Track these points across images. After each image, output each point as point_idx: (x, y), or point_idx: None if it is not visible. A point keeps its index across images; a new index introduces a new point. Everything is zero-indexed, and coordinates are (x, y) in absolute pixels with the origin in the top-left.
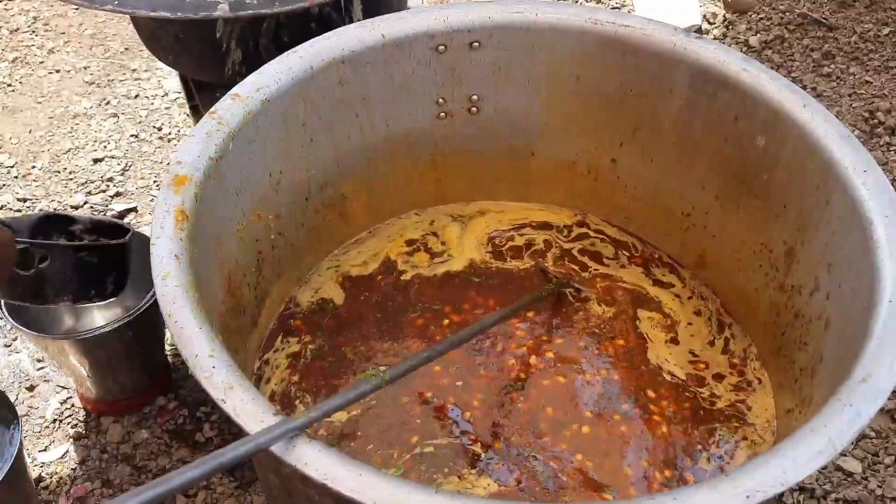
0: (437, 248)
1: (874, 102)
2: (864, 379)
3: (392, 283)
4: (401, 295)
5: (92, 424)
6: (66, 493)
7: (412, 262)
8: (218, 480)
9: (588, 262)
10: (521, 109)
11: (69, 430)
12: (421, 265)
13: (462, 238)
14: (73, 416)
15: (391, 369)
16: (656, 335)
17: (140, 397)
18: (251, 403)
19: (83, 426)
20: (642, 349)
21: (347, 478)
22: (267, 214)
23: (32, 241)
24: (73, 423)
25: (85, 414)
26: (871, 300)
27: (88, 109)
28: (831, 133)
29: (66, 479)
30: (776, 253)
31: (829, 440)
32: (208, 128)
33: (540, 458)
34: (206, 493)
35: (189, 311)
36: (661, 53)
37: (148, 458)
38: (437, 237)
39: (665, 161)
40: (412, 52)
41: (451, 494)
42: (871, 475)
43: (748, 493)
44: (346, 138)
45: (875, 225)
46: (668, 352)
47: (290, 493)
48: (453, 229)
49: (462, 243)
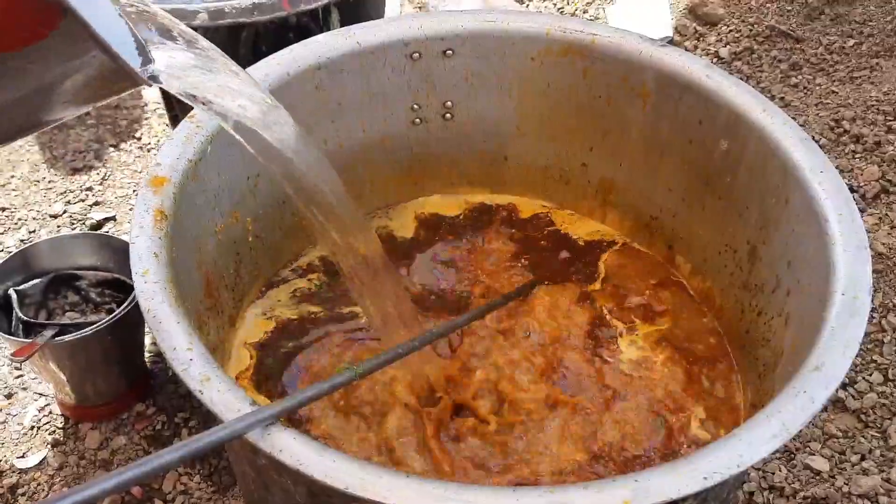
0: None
1: (839, 112)
2: (818, 367)
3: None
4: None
5: (70, 431)
6: (44, 498)
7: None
8: (196, 485)
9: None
10: (494, 115)
11: (47, 436)
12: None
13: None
14: (50, 423)
15: (363, 364)
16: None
17: (118, 403)
18: (227, 394)
19: (61, 433)
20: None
21: (320, 463)
22: (245, 217)
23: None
24: (50, 430)
25: (63, 421)
26: (826, 293)
27: (67, 119)
28: (790, 135)
29: (45, 484)
30: (740, 253)
31: (783, 425)
32: (187, 131)
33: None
34: (184, 498)
35: (167, 306)
36: (629, 60)
37: (125, 463)
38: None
39: (633, 164)
40: (387, 60)
41: (420, 478)
42: (839, 473)
43: (706, 475)
44: (323, 143)
45: (830, 222)
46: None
47: (266, 485)
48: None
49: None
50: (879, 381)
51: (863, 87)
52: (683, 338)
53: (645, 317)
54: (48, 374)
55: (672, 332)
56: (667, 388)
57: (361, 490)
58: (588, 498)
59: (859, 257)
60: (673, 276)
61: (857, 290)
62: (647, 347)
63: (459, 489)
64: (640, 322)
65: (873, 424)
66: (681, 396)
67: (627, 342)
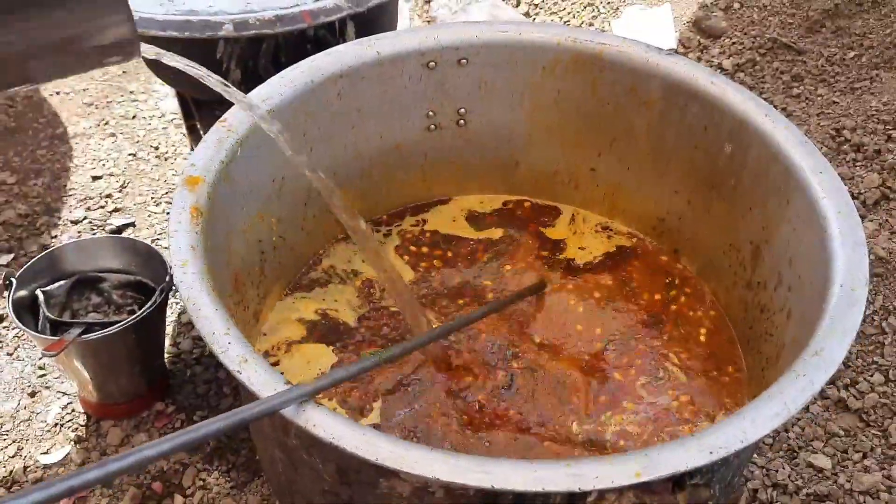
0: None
1: (840, 121)
2: (817, 352)
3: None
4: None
5: (92, 428)
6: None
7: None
8: (214, 481)
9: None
10: (506, 122)
11: (70, 433)
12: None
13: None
14: (73, 421)
15: (388, 350)
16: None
17: (139, 402)
18: (264, 374)
19: (83, 430)
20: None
21: (353, 437)
22: (270, 217)
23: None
24: (73, 427)
25: (85, 418)
26: (826, 285)
27: (87, 129)
28: (791, 139)
29: None
30: (743, 252)
31: (784, 405)
32: (219, 135)
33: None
34: (203, 493)
35: (205, 294)
36: (637, 69)
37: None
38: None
39: (641, 169)
40: (405, 69)
41: (446, 452)
42: (841, 471)
43: (711, 450)
44: (343, 148)
45: (830, 220)
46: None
47: (294, 466)
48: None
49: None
50: (880, 382)
51: (863, 97)
52: (690, 336)
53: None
54: (73, 372)
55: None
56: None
57: (392, 462)
58: (602, 470)
59: (857, 252)
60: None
61: (855, 283)
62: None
63: (482, 462)
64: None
65: (874, 424)
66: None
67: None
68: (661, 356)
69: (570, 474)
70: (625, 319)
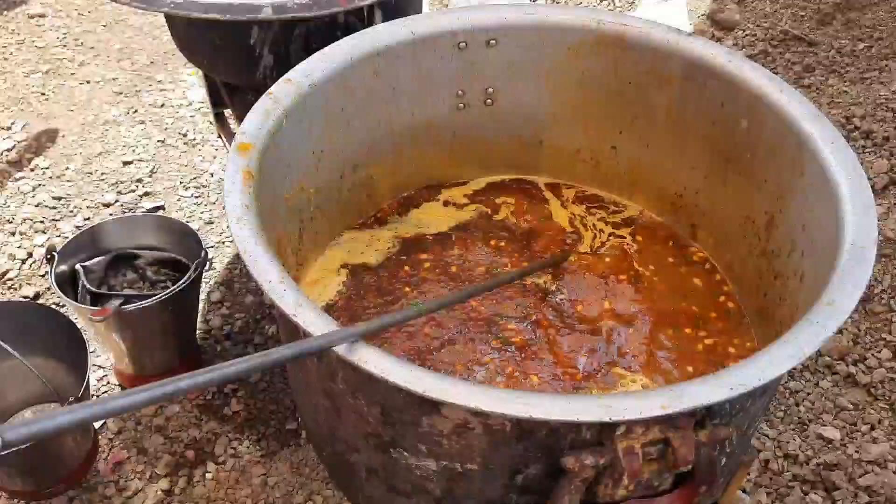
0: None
1: (851, 110)
2: (829, 303)
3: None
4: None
5: None
6: (104, 458)
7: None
8: (245, 449)
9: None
10: (532, 101)
11: None
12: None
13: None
14: (108, 392)
15: (430, 303)
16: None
17: (172, 375)
18: (317, 317)
19: None
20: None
21: (402, 372)
22: (309, 188)
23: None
24: None
25: (120, 390)
26: (836, 246)
27: (117, 117)
28: (804, 113)
29: (105, 447)
30: (758, 223)
31: (799, 347)
32: (266, 105)
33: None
34: (234, 461)
35: (261, 248)
36: (658, 49)
37: (179, 429)
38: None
39: (660, 146)
40: (437, 48)
41: (488, 386)
42: (850, 441)
43: (731, 386)
44: (377, 124)
45: (841, 185)
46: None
47: (338, 411)
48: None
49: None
50: (888, 358)
51: (872, 87)
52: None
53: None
54: (111, 343)
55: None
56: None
57: (437, 393)
58: (630, 402)
59: (867, 214)
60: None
61: (865, 242)
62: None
63: (521, 394)
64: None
65: (882, 398)
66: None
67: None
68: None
69: (601, 405)
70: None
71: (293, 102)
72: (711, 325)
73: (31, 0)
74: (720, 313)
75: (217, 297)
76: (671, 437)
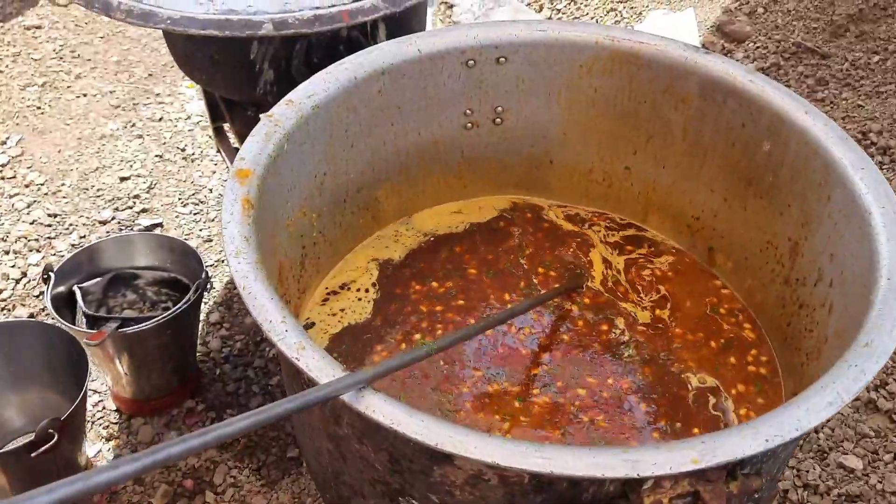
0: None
1: (866, 125)
2: (867, 344)
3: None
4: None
5: (123, 426)
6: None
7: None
8: (245, 479)
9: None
10: (542, 120)
11: (101, 430)
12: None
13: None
14: (104, 419)
15: (438, 342)
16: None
17: (170, 398)
18: (321, 361)
19: (115, 427)
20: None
21: (412, 423)
22: (311, 213)
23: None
24: (105, 425)
25: (117, 416)
26: (871, 279)
27: (115, 131)
28: (831, 135)
29: None
30: (781, 249)
31: (838, 394)
32: (267, 129)
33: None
34: (234, 490)
35: (260, 283)
36: (674, 66)
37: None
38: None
39: (676, 167)
40: (444, 66)
41: (504, 438)
42: (872, 472)
43: (767, 438)
44: (382, 144)
45: (873, 214)
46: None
47: (343, 457)
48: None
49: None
50: None
51: (888, 100)
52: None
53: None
54: (108, 366)
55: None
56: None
57: (451, 447)
58: (660, 456)
59: None
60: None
61: None
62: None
63: (540, 447)
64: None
65: None
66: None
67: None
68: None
69: (627, 460)
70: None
71: (295, 125)
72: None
73: (27, 11)
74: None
75: (216, 318)
76: (701, 491)
